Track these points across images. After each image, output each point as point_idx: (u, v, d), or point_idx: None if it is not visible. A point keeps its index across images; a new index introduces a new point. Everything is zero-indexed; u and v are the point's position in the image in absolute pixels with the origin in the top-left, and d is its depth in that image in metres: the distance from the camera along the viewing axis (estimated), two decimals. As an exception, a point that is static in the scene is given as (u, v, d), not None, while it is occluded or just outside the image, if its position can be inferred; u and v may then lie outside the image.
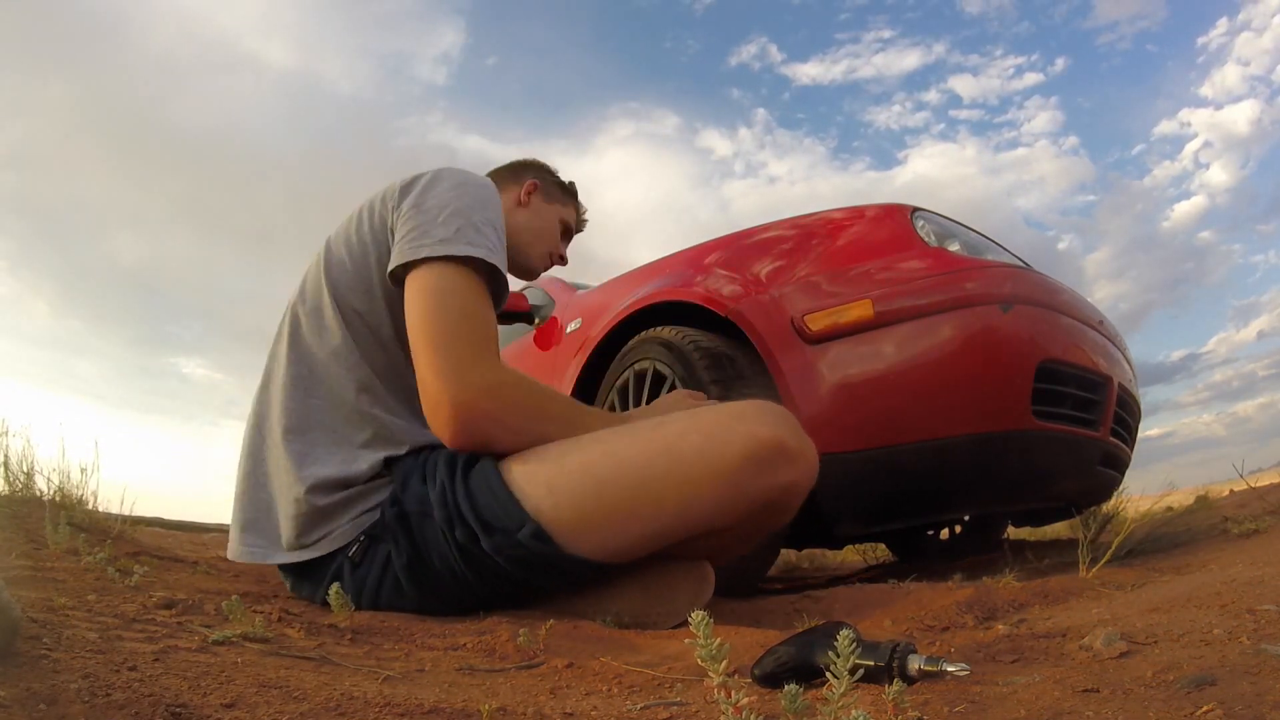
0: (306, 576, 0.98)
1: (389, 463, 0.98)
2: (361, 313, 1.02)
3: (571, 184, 1.37)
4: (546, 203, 1.31)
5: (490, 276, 0.97)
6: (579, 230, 1.38)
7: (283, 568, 1.01)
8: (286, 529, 0.96)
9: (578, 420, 0.96)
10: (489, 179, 1.07)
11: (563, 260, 1.35)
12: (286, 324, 1.05)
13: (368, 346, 1.02)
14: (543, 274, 1.38)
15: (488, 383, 0.90)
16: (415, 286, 0.94)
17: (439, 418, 0.90)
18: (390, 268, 0.96)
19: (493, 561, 0.89)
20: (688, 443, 0.89)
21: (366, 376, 1.00)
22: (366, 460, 0.96)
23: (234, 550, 1.01)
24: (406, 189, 1.01)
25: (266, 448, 1.01)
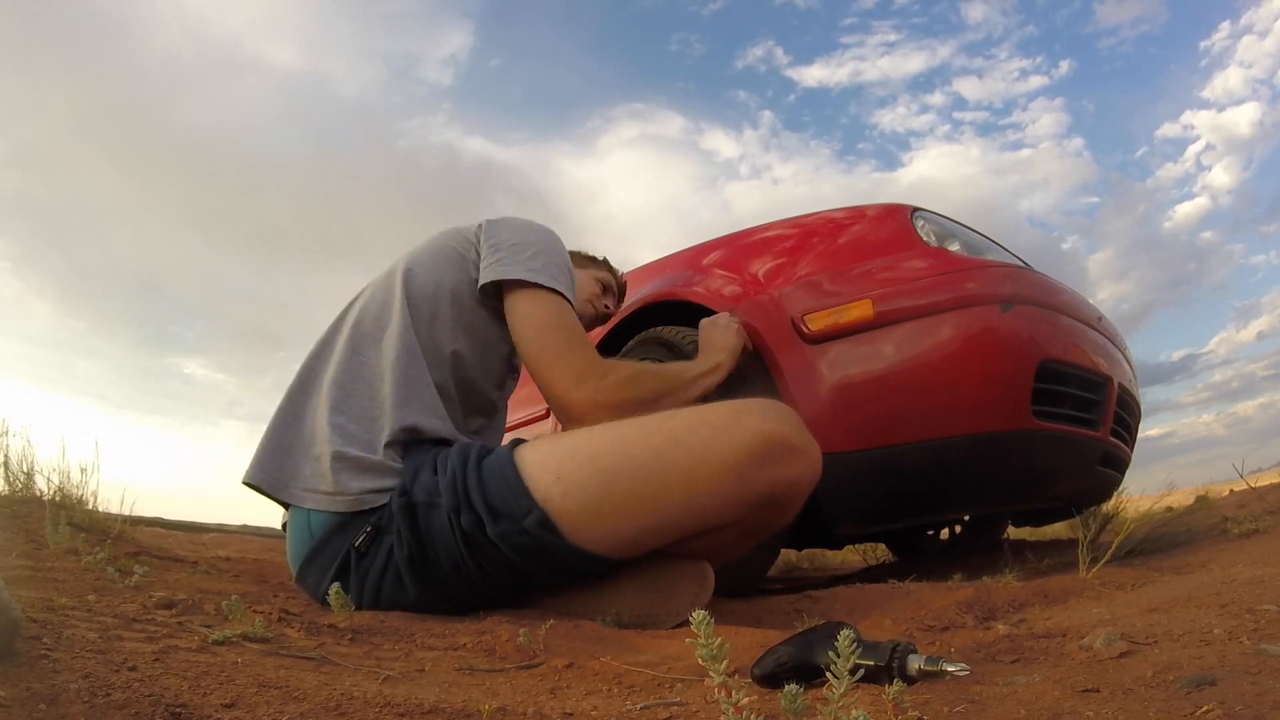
0: (312, 564, 0.98)
1: (405, 448, 1.00)
2: (419, 331, 1.08)
3: (604, 259, 1.52)
4: (581, 269, 1.41)
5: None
6: (620, 288, 1.52)
7: (292, 553, 1.02)
8: (304, 469, 1.00)
9: (676, 386, 1.14)
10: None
11: (609, 312, 1.49)
12: (352, 319, 1.11)
13: (419, 362, 1.06)
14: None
15: (603, 386, 1.05)
16: (524, 308, 1.09)
17: (571, 420, 1.06)
18: (482, 282, 1.10)
19: (496, 550, 0.90)
20: (695, 437, 0.90)
21: (412, 383, 1.04)
22: (390, 437, 0.99)
23: (249, 473, 1.04)
24: (490, 226, 1.16)
25: (309, 394, 1.07)
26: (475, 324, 1.13)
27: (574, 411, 1.05)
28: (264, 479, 1.02)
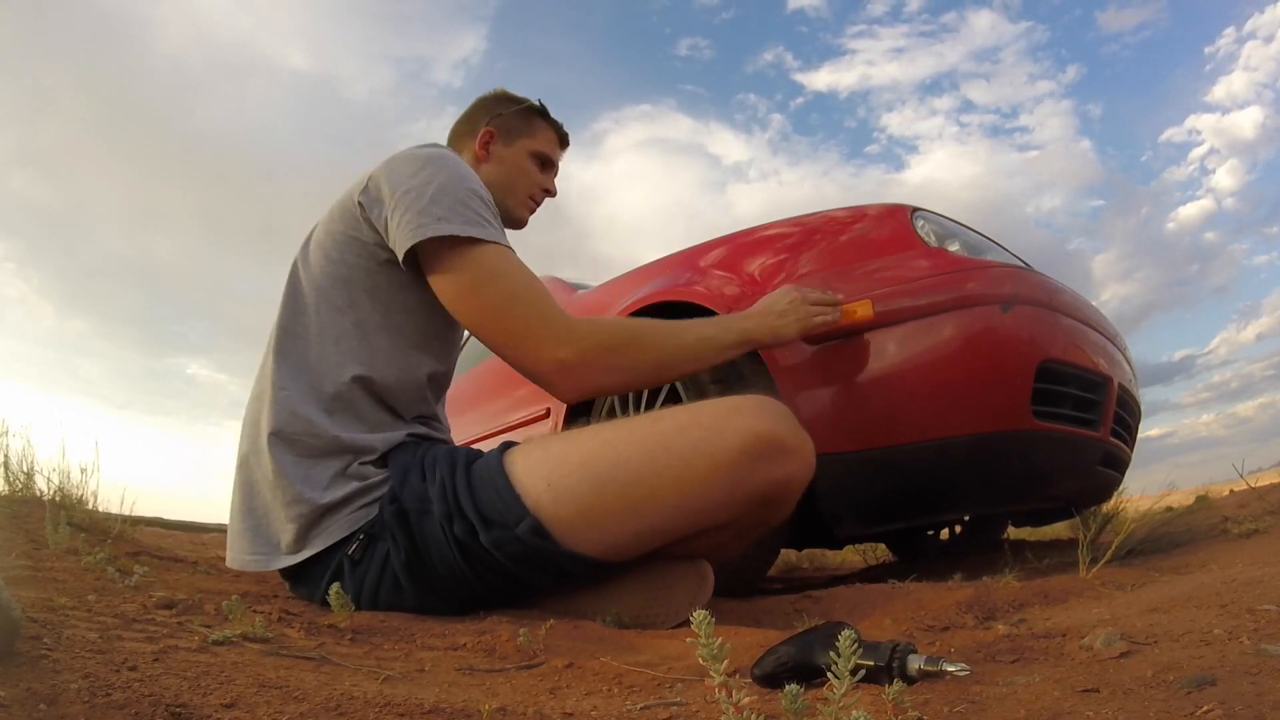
0: (305, 576, 0.97)
1: (383, 456, 0.98)
2: (342, 308, 1.01)
3: (538, 104, 1.25)
4: (508, 145, 1.21)
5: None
6: (563, 148, 1.28)
7: (282, 570, 1.01)
8: (286, 532, 0.95)
9: (667, 341, 1.05)
10: (447, 148, 1.12)
11: (549, 193, 1.27)
12: (274, 329, 1.05)
13: (351, 342, 1.01)
14: (527, 223, 1.28)
15: (573, 347, 0.97)
16: (451, 275, 0.97)
17: (554, 389, 1.00)
18: (402, 251, 0.96)
19: (491, 557, 0.89)
20: (686, 438, 0.90)
21: (350, 371, 0.99)
22: (358, 454, 0.97)
23: (233, 559, 1.00)
24: (376, 178, 1.00)
25: (258, 453, 0.99)
26: (387, 293, 1.01)
27: (553, 381, 0.99)
28: (251, 560, 0.98)
